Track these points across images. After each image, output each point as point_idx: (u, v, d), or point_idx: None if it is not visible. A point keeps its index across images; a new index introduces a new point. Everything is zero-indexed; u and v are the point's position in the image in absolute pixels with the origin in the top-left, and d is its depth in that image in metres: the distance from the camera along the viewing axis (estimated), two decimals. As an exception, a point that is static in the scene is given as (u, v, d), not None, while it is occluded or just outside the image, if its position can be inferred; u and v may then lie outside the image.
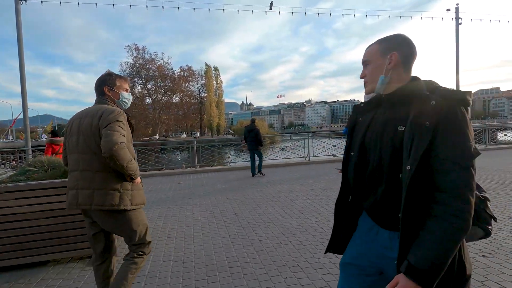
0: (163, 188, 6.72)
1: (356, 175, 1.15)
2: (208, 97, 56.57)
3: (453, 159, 0.90)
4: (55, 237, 2.87)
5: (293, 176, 7.68)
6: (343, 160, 1.22)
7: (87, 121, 1.80)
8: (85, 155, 1.79)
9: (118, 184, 1.79)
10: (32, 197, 2.82)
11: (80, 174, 1.79)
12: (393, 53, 1.07)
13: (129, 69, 52.58)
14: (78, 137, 1.82)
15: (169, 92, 55.03)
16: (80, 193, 1.78)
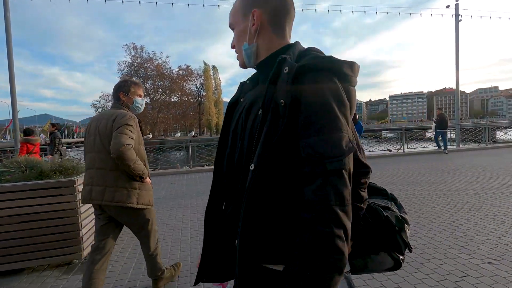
0: (155, 189, 6.51)
1: (228, 170, 0.84)
2: (206, 96, 56.37)
3: (314, 158, 0.61)
4: (29, 243, 2.67)
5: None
6: (216, 151, 0.91)
7: (103, 123, 1.98)
8: (100, 154, 1.95)
9: (127, 183, 1.96)
10: (3, 201, 2.62)
11: (95, 172, 1.97)
12: (254, 10, 0.79)
13: (127, 68, 52.29)
14: (95, 137, 1.98)
15: (168, 91, 54.77)
16: (93, 189, 1.95)
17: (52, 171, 2.93)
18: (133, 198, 1.96)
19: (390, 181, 6.14)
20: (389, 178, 6.47)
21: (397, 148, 11.09)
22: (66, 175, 3.01)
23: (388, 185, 5.73)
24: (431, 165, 8.00)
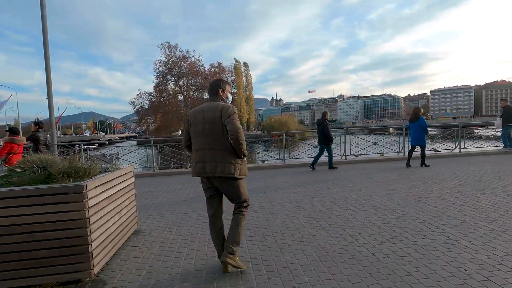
0: (183, 189, 6.14)
1: None
2: (238, 93, 56.39)
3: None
4: (31, 257, 2.29)
5: (327, 177, 6.72)
6: None
7: (210, 113, 2.46)
8: (210, 138, 2.45)
9: (232, 159, 2.44)
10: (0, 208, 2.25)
11: (206, 152, 2.46)
12: None
13: (162, 67, 54.01)
14: (204, 125, 2.46)
15: (200, 88, 55.66)
16: (206, 165, 2.44)
17: (60, 173, 2.54)
18: (237, 171, 2.47)
19: (454, 187, 5.13)
20: (452, 183, 5.45)
21: (451, 148, 9.74)
22: (76, 178, 2.61)
23: (454, 193, 4.76)
24: (502, 168, 6.75)
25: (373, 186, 5.54)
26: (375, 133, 12.37)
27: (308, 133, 25.79)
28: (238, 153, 2.44)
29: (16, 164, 2.94)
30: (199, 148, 2.50)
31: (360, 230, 3.35)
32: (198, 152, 2.51)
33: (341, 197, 4.89)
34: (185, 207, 4.66)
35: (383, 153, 9.85)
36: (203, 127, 2.47)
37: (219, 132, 2.43)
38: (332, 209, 4.23)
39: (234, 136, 2.36)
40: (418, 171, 7.01)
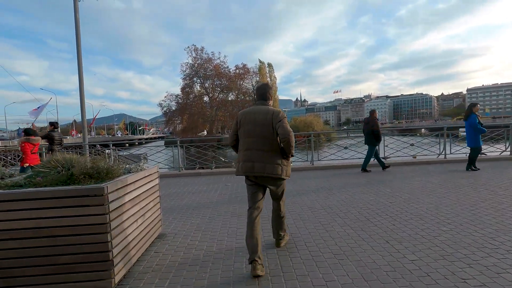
0: (209, 190, 5.97)
1: None
2: (262, 94, 56.10)
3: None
4: (49, 263, 2.16)
5: (360, 180, 6.24)
6: None
7: (262, 116, 2.61)
8: (260, 139, 2.59)
9: (280, 160, 2.61)
10: (16, 210, 2.13)
11: (255, 152, 2.59)
12: None
13: (188, 69, 55.18)
14: (254, 127, 2.60)
15: (225, 90, 56.18)
16: (255, 165, 2.57)
17: (82, 174, 2.40)
18: (284, 172, 2.64)
19: None
20: (509, 191, 4.80)
21: (500, 150, 8.79)
22: (98, 179, 2.46)
23: None
24: None
25: (414, 192, 5.01)
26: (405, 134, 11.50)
27: (334, 134, 24.92)
28: (287, 153, 2.62)
29: (40, 163, 2.88)
30: (248, 148, 2.65)
31: (407, 243, 2.93)
32: (246, 151, 2.65)
33: (379, 203, 4.44)
34: (211, 211, 4.46)
35: (416, 155, 9.11)
36: (254, 129, 2.63)
37: (269, 135, 2.59)
38: (371, 217, 3.81)
39: (286, 139, 2.51)
40: (464, 175, 6.32)
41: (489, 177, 6.00)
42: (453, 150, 8.77)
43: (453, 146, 8.95)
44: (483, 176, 6.15)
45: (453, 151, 8.80)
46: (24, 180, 2.50)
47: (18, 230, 2.14)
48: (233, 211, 4.37)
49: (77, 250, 2.17)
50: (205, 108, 56.00)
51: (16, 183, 2.45)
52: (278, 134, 2.53)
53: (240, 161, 2.68)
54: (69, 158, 2.79)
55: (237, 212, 4.30)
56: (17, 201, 2.13)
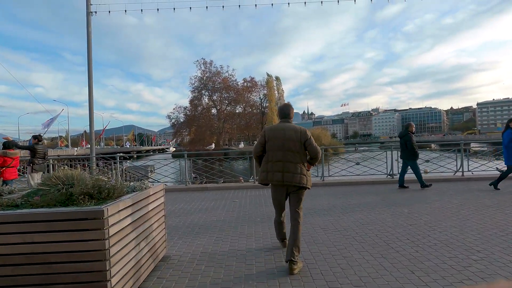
0: (216, 207, 5.74)
1: None
2: (269, 107, 56.33)
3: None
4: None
5: (376, 199, 5.94)
6: None
7: (290, 133, 3.02)
8: (289, 153, 2.97)
9: (305, 171, 3.01)
10: (6, 234, 1.96)
11: (284, 164, 2.97)
12: None
13: (197, 82, 55.99)
14: (284, 142, 2.99)
15: (233, 102, 56.61)
16: (285, 175, 2.95)
17: (82, 194, 2.23)
18: (309, 182, 3.02)
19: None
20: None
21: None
22: (99, 200, 2.29)
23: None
24: None
25: (434, 213, 4.70)
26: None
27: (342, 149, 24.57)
28: (312, 164, 3.12)
29: (42, 181, 2.73)
30: (278, 160, 3.00)
31: (435, 274, 2.64)
32: (277, 163, 3.00)
33: (398, 225, 4.14)
34: (218, 230, 4.22)
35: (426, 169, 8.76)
36: (283, 143, 3.00)
37: (297, 149, 3.00)
38: (390, 241, 3.52)
39: (316, 156, 3.03)
40: (486, 195, 5.96)
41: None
42: (470, 167, 8.39)
43: (470, 162, 8.56)
44: (507, 196, 5.78)
45: (471, 168, 8.42)
46: (21, 199, 2.34)
47: (10, 255, 1.96)
48: (242, 232, 4.13)
49: (73, 279, 1.98)
50: (213, 120, 56.36)
51: (12, 203, 2.29)
52: (308, 151, 3.02)
53: (269, 171, 3.03)
54: (70, 174, 2.64)
55: (245, 233, 4.06)
56: (9, 224, 1.96)
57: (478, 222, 4.15)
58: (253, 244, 3.63)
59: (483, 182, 7.23)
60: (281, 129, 3.06)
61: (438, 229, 3.90)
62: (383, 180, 7.97)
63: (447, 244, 3.35)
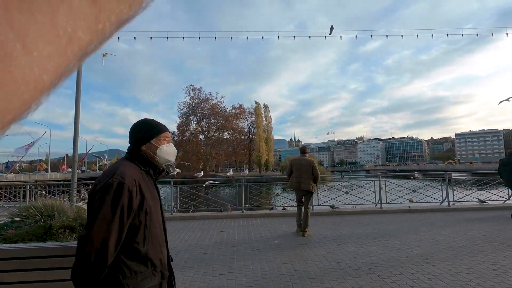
0: (202, 238, 5.49)
1: None
2: (257, 134, 56.88)
3: None
4: None
5: (366, 230, 5.86)
6: None
7: (306, 162, 5.62)
8: (304, 173, 5.55)
9: (312, 183, 5.55)
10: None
11: (302, 179, 5.53)
12: None
13: (186, 108, 56.32)
14: (301, 167, 5.57)
15: (221, 128, 56.88)
16: (301, 185, 5.52)
17: (62, 227, 2.07)
18: (314, 188, 5.60)
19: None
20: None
21: (504, 198, 8.57)
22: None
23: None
24: None
25: (426, 245, 4.66)
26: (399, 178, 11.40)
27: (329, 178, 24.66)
28: (315, 182, 5.61)
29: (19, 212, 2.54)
30: (298, 176, 5.59)
31: (433, 313, 2.54)
32: (298, 178, 5.58)
33: (390, 258, 4.06)
34: (205, 265, 3.99)
35: (412, 198, 8.84)
36: (301, 168, 5.58)
37: (309, 172, 5.55)
38: (384, 276, 3.42)
39: (317, 176, 5.58)
40: (475, 227, 6.00)
41: (499, 227, 5.70)
42: (455, 197, 8.52)
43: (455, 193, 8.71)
44: (494, 227, 5.84)
45: (455, 198, 8.55)
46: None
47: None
48: (230, 266, 3.92)
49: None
50: (200, 146, 56.05)
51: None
52: (314, 173, 5.56)
53: (294, 182, 5.63)
54: (50, 205, 2.47)
55: (234, 267, 3.86)
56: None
57: (469, 255, 4.12)
58: (242, 279, 3.44)
59: (469, 213, 7.34)
60: (300, 160, 5.75)
61: (431, 262, 3.84)
62: (372, 210, 7.94)
63: (441, 279, 3.28)
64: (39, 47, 0.14)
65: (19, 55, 0.13)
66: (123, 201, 1.13)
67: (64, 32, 0.15)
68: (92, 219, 1.09)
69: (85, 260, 1.04)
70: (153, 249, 1.24)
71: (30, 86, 0.14)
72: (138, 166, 1.31)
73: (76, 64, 0.17)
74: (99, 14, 0.16)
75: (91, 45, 0.17)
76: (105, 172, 1.25)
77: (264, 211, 8.43)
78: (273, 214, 7.80)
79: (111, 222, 1.09)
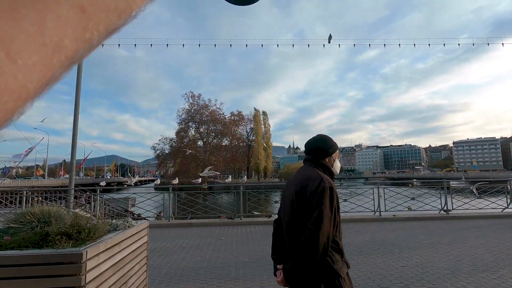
0: (200, 245, 5.44)
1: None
2: (256, 141, 56.93)
3: None
4: None
5: (364, 238, 5.83)
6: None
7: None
8: None
9: None
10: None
11: None
12: None
13: (185, 114, 56.41)
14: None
15: (220, 135, 56.91)
16: None
17: (59, 234, 2.05)
18: None
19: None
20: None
21: (502, 206, 8.57)
22: (78, 241, 2.10)
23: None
24: None
25: (425, 253, 4.63)
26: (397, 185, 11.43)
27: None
28: None
29: (15, 218, 2.51)
30: None
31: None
32: None
33: (390, 267, 4.02)
34: (203, 273, 3.95)
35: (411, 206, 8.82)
36: None
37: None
38: (384, 285, 3.39)
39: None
40: (472, 234, 5.98)
41: (498, 236, 5.68)
42: (454, 205, 8.51)
43: (454, 201, 8.70)
44: (492, 235, 5.82)
45: (454, 206, 8.54)
46: (-11, 239, 2.12)
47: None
48: (228, 274, 3.88)
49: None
50: (199, 152, 55.96)
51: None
52: None
53: None
54: (47, 211, 2.45)
55: (232, 275, 3.81)
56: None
57: (468, 264, 4.10)
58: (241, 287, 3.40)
59: (467, 221, 7.33)
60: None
61: (431, 271, 3.81)
62: (371, 217, 7.92)
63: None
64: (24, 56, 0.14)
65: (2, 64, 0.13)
66: (335, 201, 1.47)
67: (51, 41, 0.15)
68: (320, 216, 1.41)
69: (318, 247, 1.36)
70: (341, 243, 1.54)
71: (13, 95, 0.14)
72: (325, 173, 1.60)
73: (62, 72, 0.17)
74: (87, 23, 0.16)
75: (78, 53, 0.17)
76: (307, 176, 1.55)
77: (263, 218, 8.39)
78: (272, 222, 7.75)
79: (331, 219, 1.42)
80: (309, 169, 1.61)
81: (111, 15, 0.17)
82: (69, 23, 0.15)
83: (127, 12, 0.18)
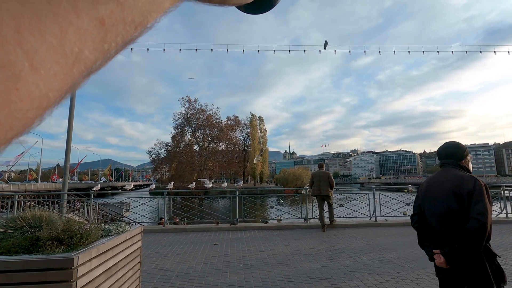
0: (194, 251, 5.38)
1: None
2: (252, 145, 57.02)
3: None
4: None
5: (361, 243, 5.81)
6: None
7: (324, 174, 7.42)
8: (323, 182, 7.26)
9: (330, 189, 7.26)
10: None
11: (321, 186, 7.21)
12: None
13: (181, 119, 56.33)
14: (320, 177, 7.35)
15: (216, 140, 56.83)
16: (321, 191, 7.21)
17: (50, 239, 2.01)
18: (331, 193, 7.32)
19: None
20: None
21: (496, 212, 8.64)
22: (69, 246, 2.06)
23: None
24: None
25: (421, 259, 4.62)
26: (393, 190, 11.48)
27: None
28: (332, 187, 7.24)
29: (5, 223, 2.46)
30: (319, 185, 7.19)
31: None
32: (318, 186, 7.18)
33: (385, 272, 4.01)
34: (197, 279, 3.90)
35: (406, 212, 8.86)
36: (320, 178, 7.25)
37: (327, 181, 7.18)
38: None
39: (333, 184, 7.30)
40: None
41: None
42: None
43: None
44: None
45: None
46: (-23, 245, 2.07)
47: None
48: (223, 280, 3.83)
49: None
50: (195, 157, 55.75)
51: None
52: (330, 182, 7.17)
53: (316, 190, 7.16)
54: (38, 216, 2.40)
55: (227, 281, 3.77)
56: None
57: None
58: (235, 294, 3.36)
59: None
60: (319, 172, 7.34)
61: (427, 277, 3.80)
62: (367, 222, 7.91)
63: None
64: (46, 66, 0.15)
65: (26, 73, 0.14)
66: (490, 197, 1.80)
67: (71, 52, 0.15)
68: (485, 209, 1.74)
69: (486, 235, 1.73)
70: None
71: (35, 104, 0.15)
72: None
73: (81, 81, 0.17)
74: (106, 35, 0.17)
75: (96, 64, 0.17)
76: (459, 176, 1.86)
77: (258, 224, 8.34)
78: (267, 227, 7.71)
79: (490, 211, 1.78)
80: (454, 170, 1.93)
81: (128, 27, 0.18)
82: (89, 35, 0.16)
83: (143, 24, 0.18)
